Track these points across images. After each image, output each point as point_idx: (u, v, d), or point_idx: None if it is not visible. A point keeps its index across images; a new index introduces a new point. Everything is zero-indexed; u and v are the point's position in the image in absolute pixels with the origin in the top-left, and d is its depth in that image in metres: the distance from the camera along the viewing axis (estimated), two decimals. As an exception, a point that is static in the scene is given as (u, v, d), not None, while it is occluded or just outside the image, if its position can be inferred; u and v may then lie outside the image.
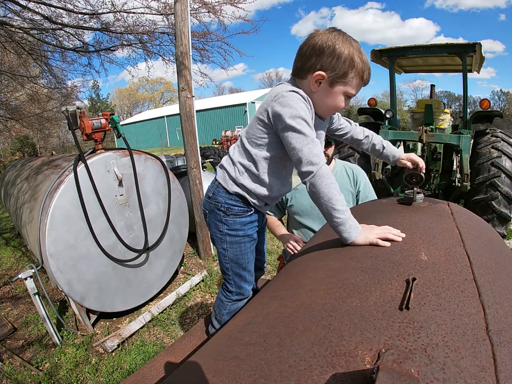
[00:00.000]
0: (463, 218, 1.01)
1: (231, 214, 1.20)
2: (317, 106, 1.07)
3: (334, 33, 0.99)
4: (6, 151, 21.48)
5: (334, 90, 1.02)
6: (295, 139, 0.96)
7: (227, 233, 1.23)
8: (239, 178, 1.16)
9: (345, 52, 0.96)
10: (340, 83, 1.00)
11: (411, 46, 4.70)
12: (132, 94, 53.58)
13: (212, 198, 1.23)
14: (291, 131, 0.97)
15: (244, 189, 1.17)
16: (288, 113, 0.97)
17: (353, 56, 0.97)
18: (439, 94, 41.98)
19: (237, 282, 1.34)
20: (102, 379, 2.47)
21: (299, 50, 1.05)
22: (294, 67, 1.08)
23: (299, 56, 1.04)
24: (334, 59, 0.97)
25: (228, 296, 1.38)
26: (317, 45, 0.98)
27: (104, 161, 3.00)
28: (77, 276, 2.81)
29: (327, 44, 0.97)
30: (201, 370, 0.60)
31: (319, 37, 0.99)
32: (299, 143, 0.96)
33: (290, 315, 0.65)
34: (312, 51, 0.99)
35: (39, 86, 8.51)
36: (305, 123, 0.97)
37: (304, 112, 0.98)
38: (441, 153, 5.07)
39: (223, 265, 1.32)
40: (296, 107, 0.97)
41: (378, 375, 0.41)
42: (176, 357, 1.22)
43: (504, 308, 0.59)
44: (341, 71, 0.98)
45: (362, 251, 0.85)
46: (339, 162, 2.07)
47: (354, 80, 1.01)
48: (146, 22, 6.44)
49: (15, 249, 5.62)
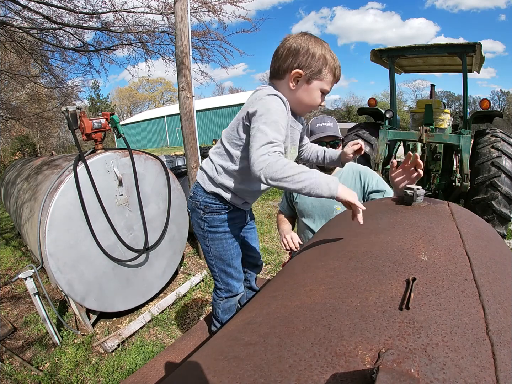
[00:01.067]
0: (463, 218, 1.01)
1: (209, 211, 1.26)
2: (296, 104, 1.14)
3: (306, 36, 1.09)
4: (6, 151, 21.47)
5: (311, 86, 1.10)
6: (258, 140, 0.98)
7: (207, 230, 1.28)
8: (217, 178, 1.21)
9: (318, 51, 1.07)
10: (316, 79, 1.09)
11: (411, 46, 4.70)
12: (132, 94, 53.57)
13: (192, 198, 1.30)
14: (260, 133, 0.99)
15: (223, 188, 1.22)
16: (263, 116, 1.01)
17: (325, 54, 1.08)
18: (439, 94, 42.00)
19: (224, 278, 1.39)
20: (102, 379, 2.47)
21: (275, 54, 1.12)
22: (272, 70, 1.15)
23: (276, 58, 1.12)
24: (309, 57, 1.06)
25: (218, 294, 1.42)
26: (292, 46, 1.07)
27: (104, 161, 3.00)
28: (77, 276, 2.81)
29: (301, 45, 1.06)
30: (201, 370, 0.60)
31: (293, 40, 1.08)
32: (259, 142, 0.98)
33: (290, 315, 0.65)
34: (288, 52, 1.07)
35: (39, 85, 8.51)
36: (277, 126, 1.01)
37: (279, 117, 1.02)
38: (441, 153, 5.07)
39: (208, 261, 1.37)
40: (272, 111, 1.02)
41: (378, 375, 0.41)
42: (176, 357, 1.22)
43: (504, 308, 0.59)
44: (316, 68, 1.07)
45: (362, 251, 0.85)
46: (347, 165, 1.94)
47: (328, 76, 1.11)
48: (146, 22, 6.44)
49: (15, 249, 5.62)
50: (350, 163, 1.95)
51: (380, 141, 4.54)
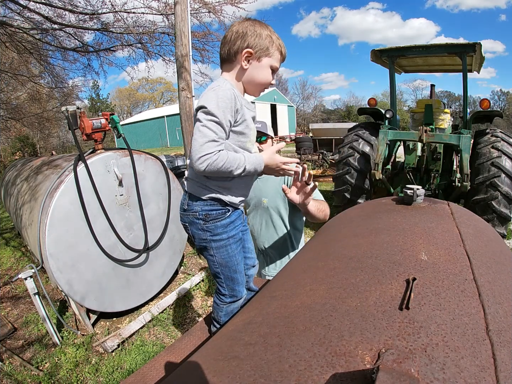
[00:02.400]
0: (463, 218, 1.01)
1: (210, 219, 1.23)
2: (249, 83, 1.22)
3: (250, 20, 1.20)
4: (6, 151, 21.48)
5: (262, 63, 1.19)
6: (200, 133, 1.07)
7: (211, 239, 1.25)
8: (210, 182, 1.21)
9: (264, 32, 1.17)
10: (265, 56, 1.19)
11: (411, 46, 4.69)
12: (132, 94, 53.59)
13: (188, 210, 1.26)
14: (201, 126, 1.08)
15: (219, 190, 1.22)
16: (205, 111, 1.09)
17: (270, 34, 1.19)
18: (439, 94, 42.01)
19: (230, 285, 1.36)
20: (102, 379, 2.47)
21: (223, 39, 1.20)
22: (223, 54, 1.21)
23: (225, 43, 1.19)
24: (257, 37, 1.16)
25: (222, 299, 1.39)
26: (239, 30, 1.16)
27: (104, 161, 2.99)
28: (77, 276, 2.81)
29: (248, 28, 1.16)
30: (201, 370, 0.60)
31: (239, 25, 1.18)
32: (202, 138, 1.07)
33: (290, 315, 0.65)
34: (237, 35, 1.16)
35: (39, 85, 8.51)
36: (218, 125, 1.09)
37: (223, 113, 1.10)
38: (441, 153, 5.07)
39: (213, 270, 1.33)
40: (215, 106, 1.10)
41: (378, 375, 0.41)
42: (176, 357, 1.22)
43: (504, 308, 0.59)
44: (264, 46, 1.17)
45: (362, 251, 0.85)
46: None
47: (276, 54, 1.21)
48: (146, 23, 6.44)
49: (15, 249, 5.62)
50: None
51: (380, 141, 4.54)
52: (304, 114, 53.59)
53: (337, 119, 41.79)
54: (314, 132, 15.33)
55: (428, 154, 4.99)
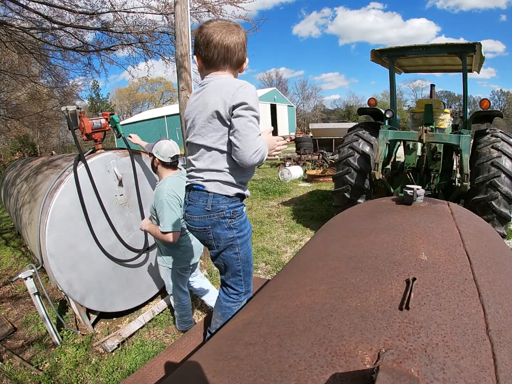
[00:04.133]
0: (463, 218, 1.01)
1: (237, 216, 1.26)
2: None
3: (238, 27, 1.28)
4: (6, 151, 21.47)
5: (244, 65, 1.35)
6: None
7: (237, 236, 1.27)
8: (234, 180, 1.24)
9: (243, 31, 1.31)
10: None
11: (411, 46, 4.69)
12: (132, 94, 53.57)
13: (212, 211, 1.25)
14: (249, 122, 1.19)
15: (239, 187, 1.26)
16: (247, 107, 1.20)
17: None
18: (439, 94, 42.01)
19: (247, 280, 1.38)
20: (102, 379, 2.47)
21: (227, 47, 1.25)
22: (230, 63, 1.28)
23: (233, 54, 1.26)
24: (245, 42, 1.30)
25: (236, 299, 1.38)
26: (239, 41, 1.26)
27: (104, 161, 2.99)
28: (77, 276, 2.81)
29: (242, 38, 1.27)
30: (201, 370, 0.60)
31: (239, 34, 1.26)
32: (253, 133, 1.20)
33: (290, 315, 0.65)
34: (240, 46, 1.26)
35: (39, 85, 8.51)
36: (258, 119, 1.26)
37: (258, 108, 1.29)
38: (441, 153, 5.07)
39: (234, 268, 1.33)
40: (254, 102, 1.24)
41: (378, 375, 0.41)
42: (176, 357, 1.22)
43: (504, 308, 0.59)
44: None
45: (362, 251, 0.85)
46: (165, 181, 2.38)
47: None
48: (146, 22, 6.43)
49: (15, 249, 5.62)
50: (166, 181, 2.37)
51: (380, 141, 4.54)
52: (304, 114, 53.59)
53: (337, 119, 41.83)
54: (314, 132, 15.34)
55: (428, 154, 4.99)
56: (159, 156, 2.40)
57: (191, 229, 1.35)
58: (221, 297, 1.43)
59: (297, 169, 10.55)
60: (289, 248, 4.80)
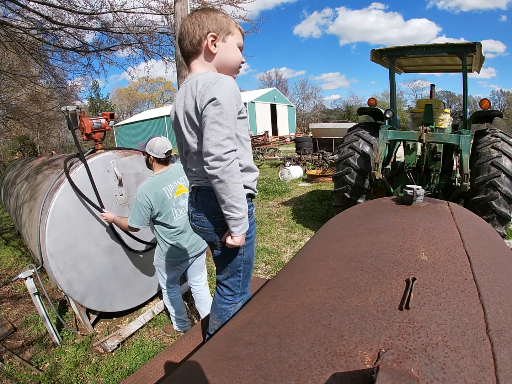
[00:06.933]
0: (463, 218, 1.01)
1: (249, 216, 1.21)
2: (223, 67, 1.22)
3: (199, 10, 1.20)
4: (6, 151, 21.47)
5: (228, 43, 1.20)
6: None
7: (246, 237, 1.22)
8: (244, 178, 1.19)
9: (217, 15, 1.18)
10: (228, 35, 1.19)
11: (411, 46, 4.69)
12: (132, 94, 53.57)
13: None
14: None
15: (249, 187, 1.22)
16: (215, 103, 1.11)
17: (225, 16, 1.20)
18: (439, 94, 42.03)
19: (245, 282, 1.35)
20: (102, 379, 2.47)
21: (181, 35, 1.20)
22: (186, 48, 1.20)
23: (184, 39, 1.19)
24: (214, 21, 1.16)
25: (232, 300, 1.35)
26: (193, 21, 1.16)
27: (104, 161, 2.99)
28: (77, 276, 2.81)
29: (202, 16, 1.16)
30: (201, 370, 0.60)
31: (191, 17, 1.17)
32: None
33: (290, 315, 0.65)
34: (193, 26, 1.16)
35: (39, 86, 8.51)
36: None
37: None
38: (441, 153, 5.07)
39: (236, 269, 1.29)
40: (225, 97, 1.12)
41: (378, 375, 0.41)
42: (176, 357, 1.22)
43: (504, 308, 0.59)
44: (223, 26, 1.18)
45: (362, 251, 0.85)
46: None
47: (236, 31, 1.21)
48: (146, 22, 6.43)
49: (15, 249, 5.62)
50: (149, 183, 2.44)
51: (380, 141, 4.54)
52: (304, 114, 53.61)
53: (337, 119, 41.79)
54: (314, 132, 15.33)
55: (428, 154, 4.99)
56: (153, 153, 2.41)
57: (198, 230, 1.28)
58: (216, 299, 1.40)
59: (297, 169, 10.55)
60: (289, 248, 4.80)
